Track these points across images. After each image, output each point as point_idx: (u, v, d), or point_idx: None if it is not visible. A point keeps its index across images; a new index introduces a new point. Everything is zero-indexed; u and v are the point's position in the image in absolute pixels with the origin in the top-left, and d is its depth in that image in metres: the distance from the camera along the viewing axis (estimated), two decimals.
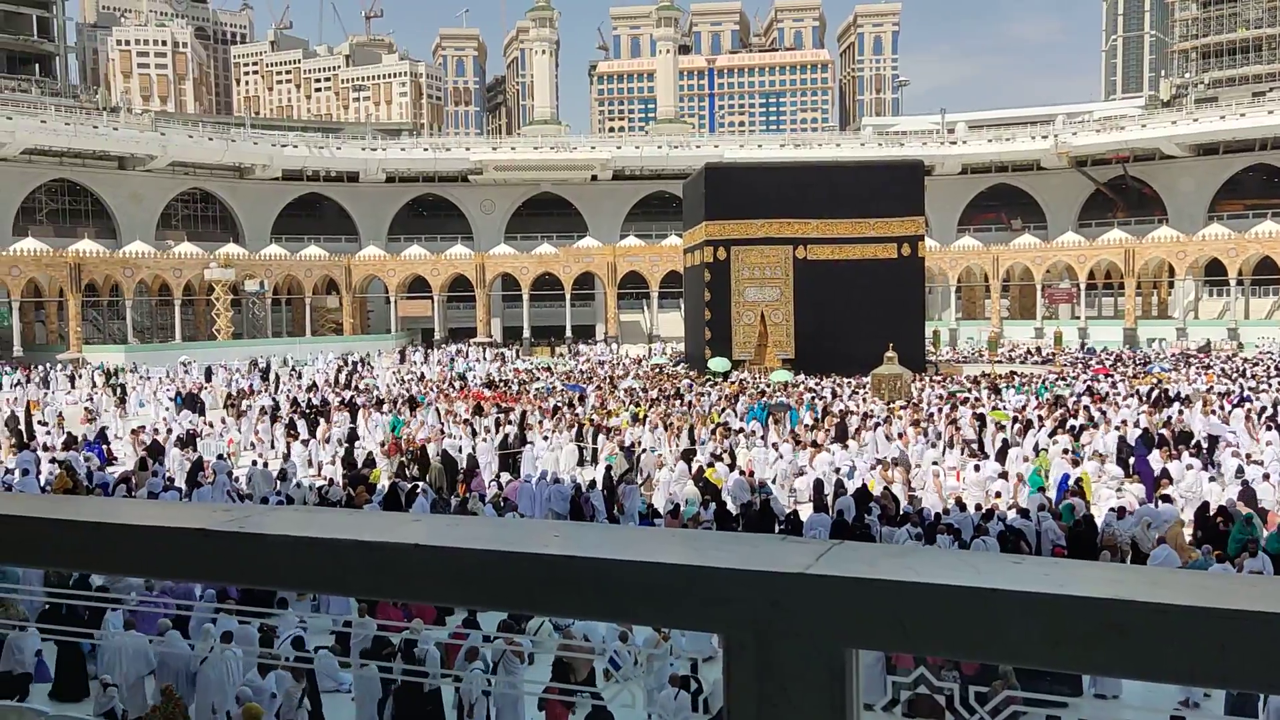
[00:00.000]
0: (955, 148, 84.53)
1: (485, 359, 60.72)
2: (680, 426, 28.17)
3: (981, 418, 28.63)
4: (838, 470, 22.16)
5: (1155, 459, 22.42)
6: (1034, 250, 71.84)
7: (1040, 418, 28.35)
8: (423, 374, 49.45)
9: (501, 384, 42.83)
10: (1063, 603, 1.18)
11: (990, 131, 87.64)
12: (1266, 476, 20.02)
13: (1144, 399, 32.86)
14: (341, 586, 1.68)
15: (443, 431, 28.30)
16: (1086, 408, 30.18)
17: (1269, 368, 44.94)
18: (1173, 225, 71.53)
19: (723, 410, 32.33)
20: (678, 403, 33.95)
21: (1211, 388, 35.62)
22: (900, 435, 26.38)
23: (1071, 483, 19.88)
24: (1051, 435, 25.52)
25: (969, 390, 36.72)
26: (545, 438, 27.26)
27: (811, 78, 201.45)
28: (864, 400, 35.16)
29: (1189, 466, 21.56)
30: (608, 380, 43.27)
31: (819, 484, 21.58)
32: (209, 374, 50.02)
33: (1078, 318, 69.84)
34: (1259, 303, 68.09)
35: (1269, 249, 62.57)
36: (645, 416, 29.80)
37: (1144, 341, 63.70)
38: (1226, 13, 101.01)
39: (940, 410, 30.79)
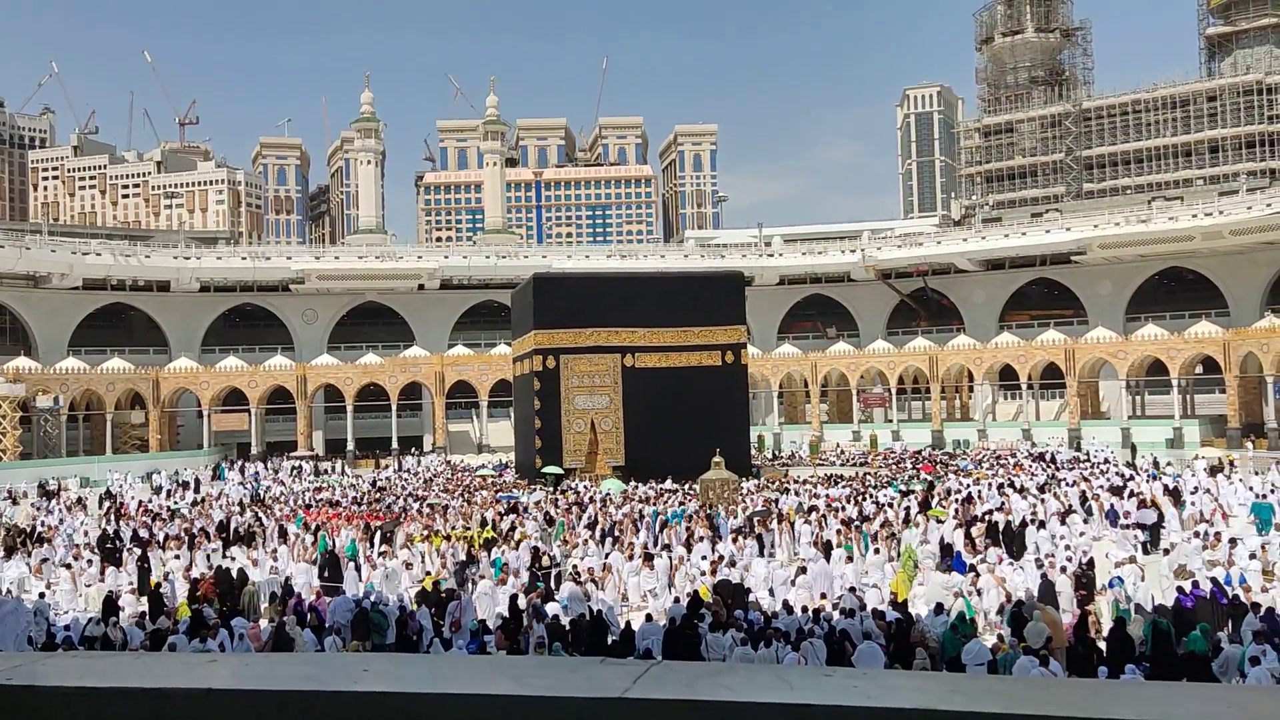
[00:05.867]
0: (772, 260, 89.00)
1: (275, 476, 57.35)
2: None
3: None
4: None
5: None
6: (848, 357, 75.81)
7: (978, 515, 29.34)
8: (205, 496, 45.00)
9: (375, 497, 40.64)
10: (870, 715, 1.21)
11: (804, 245, 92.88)
12: (1064, 569, 21.30)
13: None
14: None
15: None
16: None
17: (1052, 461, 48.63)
18: (969, 334, 77.18)
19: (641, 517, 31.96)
20: (583, 513, 33.25)
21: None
22: (837, 531, 26.95)
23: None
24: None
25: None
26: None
27: (636, 191, 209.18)
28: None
29: (995, 563, 22.77)
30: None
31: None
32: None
33: (890, 420, 73.69)
34: (1048, 405, 73.95)
35: (1053, 355, 68.32)
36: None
37: (950, 443, 67.64)
38: (1005, 142, 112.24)
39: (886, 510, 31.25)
